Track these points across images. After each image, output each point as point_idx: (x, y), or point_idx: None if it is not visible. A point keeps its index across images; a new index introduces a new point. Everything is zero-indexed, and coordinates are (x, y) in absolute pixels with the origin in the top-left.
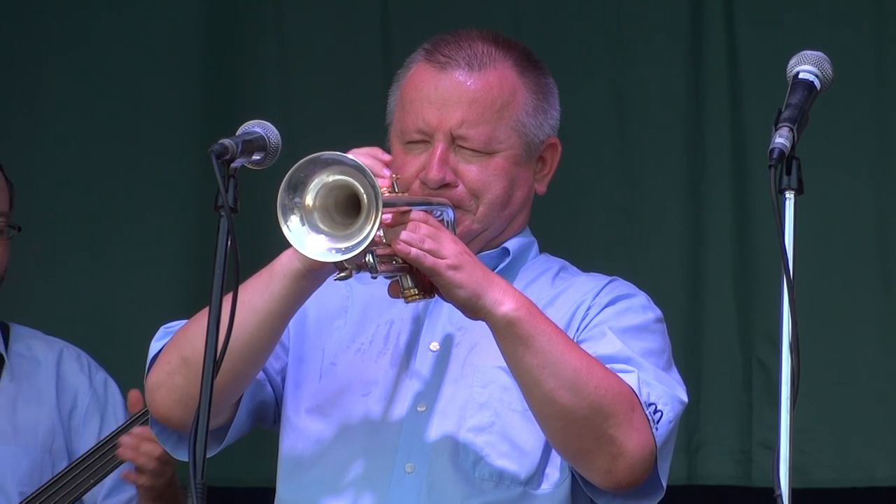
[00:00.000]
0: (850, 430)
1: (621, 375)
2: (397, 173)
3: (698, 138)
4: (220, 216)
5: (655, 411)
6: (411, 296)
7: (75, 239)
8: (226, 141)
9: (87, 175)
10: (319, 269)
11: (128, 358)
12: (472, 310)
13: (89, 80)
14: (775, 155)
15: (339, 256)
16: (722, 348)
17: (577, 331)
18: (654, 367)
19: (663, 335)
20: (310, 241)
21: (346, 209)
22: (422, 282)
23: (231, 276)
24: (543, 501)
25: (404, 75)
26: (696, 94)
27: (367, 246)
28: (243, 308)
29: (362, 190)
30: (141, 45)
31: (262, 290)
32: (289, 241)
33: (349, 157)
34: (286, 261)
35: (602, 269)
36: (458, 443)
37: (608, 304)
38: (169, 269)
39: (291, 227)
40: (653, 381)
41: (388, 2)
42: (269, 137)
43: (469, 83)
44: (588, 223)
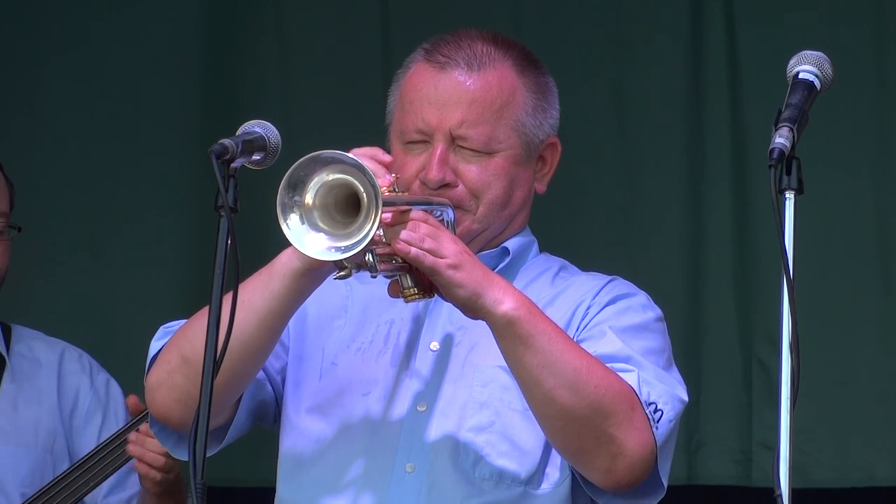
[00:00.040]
0: (850, 430)
1: (621, 375)
2: (397, 173)
3: (698, 138)
4: (220, 216)
5: (656, 410)
6: (411, 295)
7: (75, 239)
8: (226, 141)
9: (87, 175)
10: (319, 269)
11: (128, 358)
12: (472, 309)
13: (89, 80)
14: (775, 155)
15: (339, 255)
16: (722, 348)
17: (577, 330)
18: (655, 367)
19: (663, 334)
20: (309, 239)
21: (345, 208)
22: (421, 281)
23: (231, 276)
24: (544, 501)
25: (404, 75)
26: (696, 94)
27: (366, 245)
28: (243, 307)
29: (362, 189)
30: (141, 45)
31: (262, 289)
32: (288, 239)
33: (349, 155)
34: (286, 260)
35: (602, 269)
36: (458, 442)
37: (608, 304)
38: (169, 269)
39: (291, 226)
40: (653, 380)
41: (388, 2)
42: (269, 137)
43: (469, 83)
44: (588, 223)
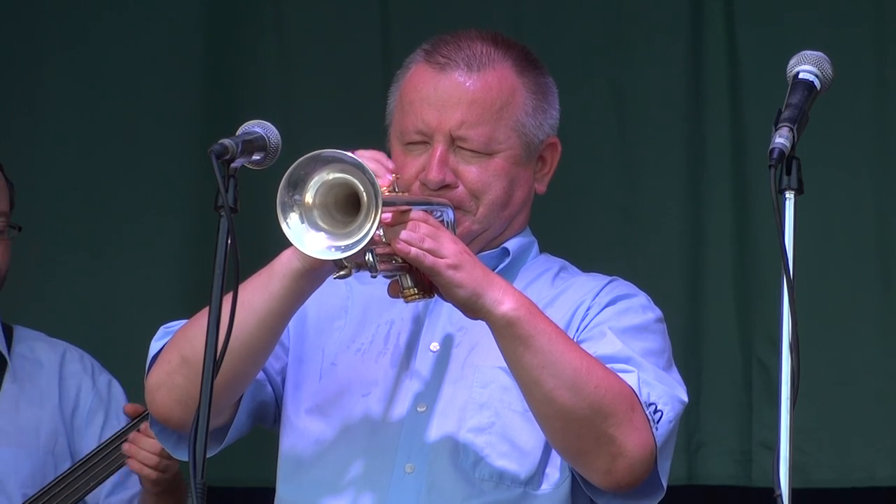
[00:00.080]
0: (850, 430)
1: (621, 375)
2: (397, 174)
3: (698, 138)
4: (220, 216)
5: (655, 411)
6: (411, 295)
7: (75, 239)
8: (226, 141)
9: (87, 175)
10: (319, 269)
11: (128, 358)
12: (472, 309)
13: (89, 80)
14: (775, 155)
15: (339, 254)
16: (722, 348)
17: (577, 331)
18: (655, 367)
19: (663, 335)
20: (309, 238)
21: (346, 207)
22: (421, 281)
23: (231, 276)
24: (543, 502)
25: (403, 76)
26: (696, 94)
27: (366, 244)
28: (243, 307)
29: (362, 188)
30: (141, 45)
31: (262, 289)
32: (288, 238)
33: (349, 154)
34: (286, 260)
35: (602, 269)
36: (458, 443)
37: (608, 304)
38: (169, 269)
39: (291, 225)
40: (653, 380)
41: (388, 2)
42: (269, 137)
43: (468, 84)
44: (588, 223)
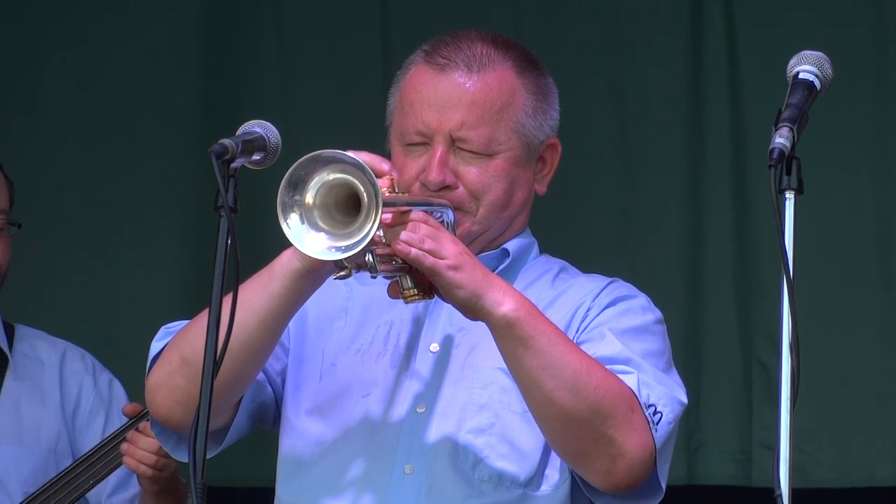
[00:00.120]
0: (850, 430)
1: (621, 377)
2: (397, 175)
3: (698, 138)
4: (220, 216)
5: (655, 412)
6: (411, 296)
7: (75, 239)
8: (226, 141)
9: (87, 175)
10: (319, 269)
11: (128, 358)
12: (472, 310)
13: (89, 80)
14: (775, 155)
15: (339, 255)
16: (722, 348)
17: (577, 332)
18: (654, 369)
19: (663, 336)
20: (309, 239)
21: (346, 208)
22: (421, 282)
23: (231, 276)
24: (543, 503)
25: (403, 77)
26: (696, 94)
27: (366, 245)
28: (243, 308)
29: (362, 189)
30: (141, 45)
31: (262, 289)
32: (288, 238)
33: (350, 155)
34: (286, 260)
35: (602, 270)
36: (457, 444)
37: (608, 306)
38: (169, 269)
39: (291, 225)
40: (652, 382)
41: (388, 2)
42: (269, 137)
43: (468, 85)
44: (588, 223)
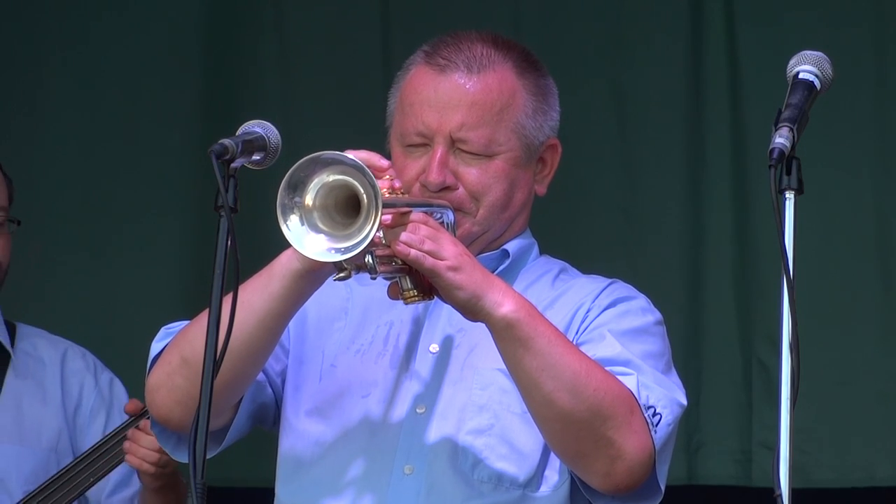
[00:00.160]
0: (850, 430)
1: (620, 378)
2: (398, 176)
3: (698, 138)
4: (220, 216)
5: (654, 414)
6: (411, 297)
7: (75, 239)
8: (226, 141)
9: (87, 175)
10: (319, 270)
11: (128, 358)
12: (472, 311)
13: (89, 80)
14: (775, 155)
15: (339, 256)
16: (722, 348)
17: (577, 333)
18: (654, 370)
19: (663, 338)
20: (309, 240)
21: (345, 209)
22: (421, 283)
23: (231, 276)
24: None
25: (403, 77)
26: (696, 94)
27: (366, 246)
28: (242, 308)
29: (362, 190)
30: (141, 45)
31: (262, 290)
32: (288, 240)
33: (349, 156)
34: (286, 261)
35: (602, 270)
36: (457, 445)
37: (608, 307)
38: (169, 269)
39: (291, 227)
40: (652, 384)
41: (388, 2)
42: (269, 137)
43: (468, 86)
44: (588, 223)
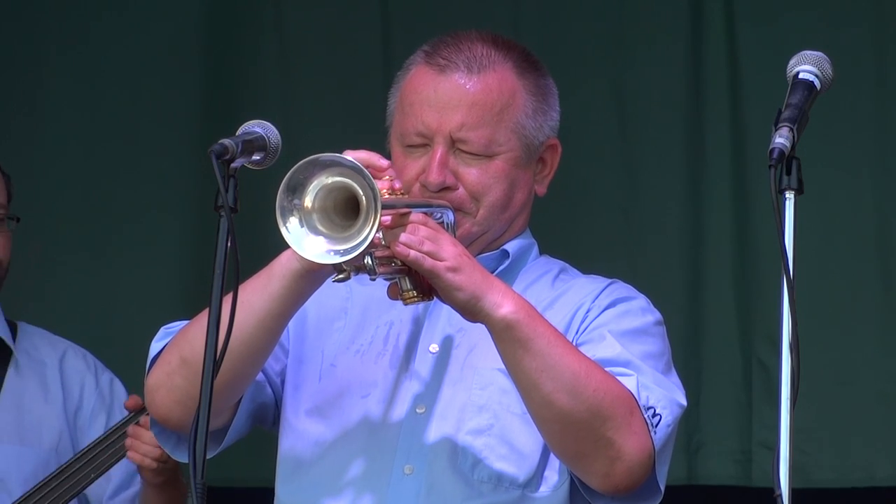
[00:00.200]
0: (850, 430)
1: (620, 379)
2: (398, 176)
3: (698, 138)
4: (220, 216)
5: (654, 415)
6: (410, 298)
7: (75, 238)
8: (226, 141)
9: (87, 175)
10: (318, 270)
11: (128, 358)
12: (471, 312)
13: (89, 80)
14: (775, 155)
15: (338, 258)
16: (722, 348)
17: (577, 333)
18: (654, 371)
19: (663, 338)
20: (308, 242)
21: (345, 211)
22: (421, 284)
23: (231, 276)
24: None
25: (404, 77)
26: (696, 94)
27: (365, 248)
28: (242, 308)
29: (361, 192)
30: (141, 45)
31: (261, 290)
32: (287, 243)
33: (348, 158)
34: (285, 261)
35: (602, 270)
36: (456, 445)
37: (608, 307)
38: (169, 269)
39: (290, 229)
40: (652, 384)
41: (388, 2)
42: (269, 137)
43: (468, 86)
44: (588, 223)
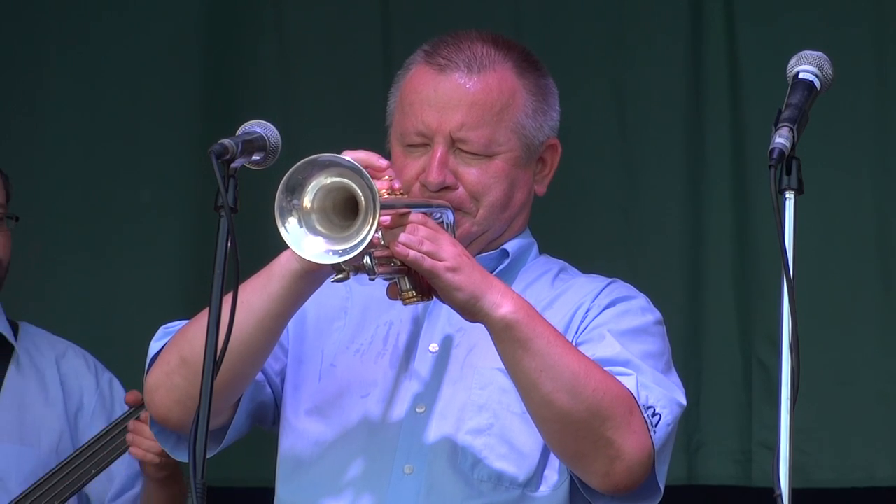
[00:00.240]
0: (850, 430)
1: (620, 378)
2: (397, 176)
3: (698, 138)
4: (220, 216)
5: (654, 414)
6: (409, 298)
7: (75, 239)
8: (226, 141)
9: (87, 175)
10: (318, 270)
11: (128, 358)
12: (471, 312)
13: (89, 80)
14: (775, 155)
15: (337, 258)
16: (722, 348)
17: (577, 333)
18: (653, 370)
19: (662, 338)
20: (307, 243)
21: (344, 211)
22: (420, 284)
23: (231, 276)
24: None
25: (404, 77)
26: (696, 94)
27: (364, 248)
28: (242, 308)
29: (360, 192)
30: (141, 45)
31: (261, 290)
32: (286, 243)
33: (347, 158)
34: (285, 261)
35: (602, 269)
36: (456, 444)
37: (607, 307)
38: (169, 269)
39: (289, 230)
40: (651, 384)
41: (388, 2)
42: (269, 137)
43: (468, 86)
44: (588, 223)
